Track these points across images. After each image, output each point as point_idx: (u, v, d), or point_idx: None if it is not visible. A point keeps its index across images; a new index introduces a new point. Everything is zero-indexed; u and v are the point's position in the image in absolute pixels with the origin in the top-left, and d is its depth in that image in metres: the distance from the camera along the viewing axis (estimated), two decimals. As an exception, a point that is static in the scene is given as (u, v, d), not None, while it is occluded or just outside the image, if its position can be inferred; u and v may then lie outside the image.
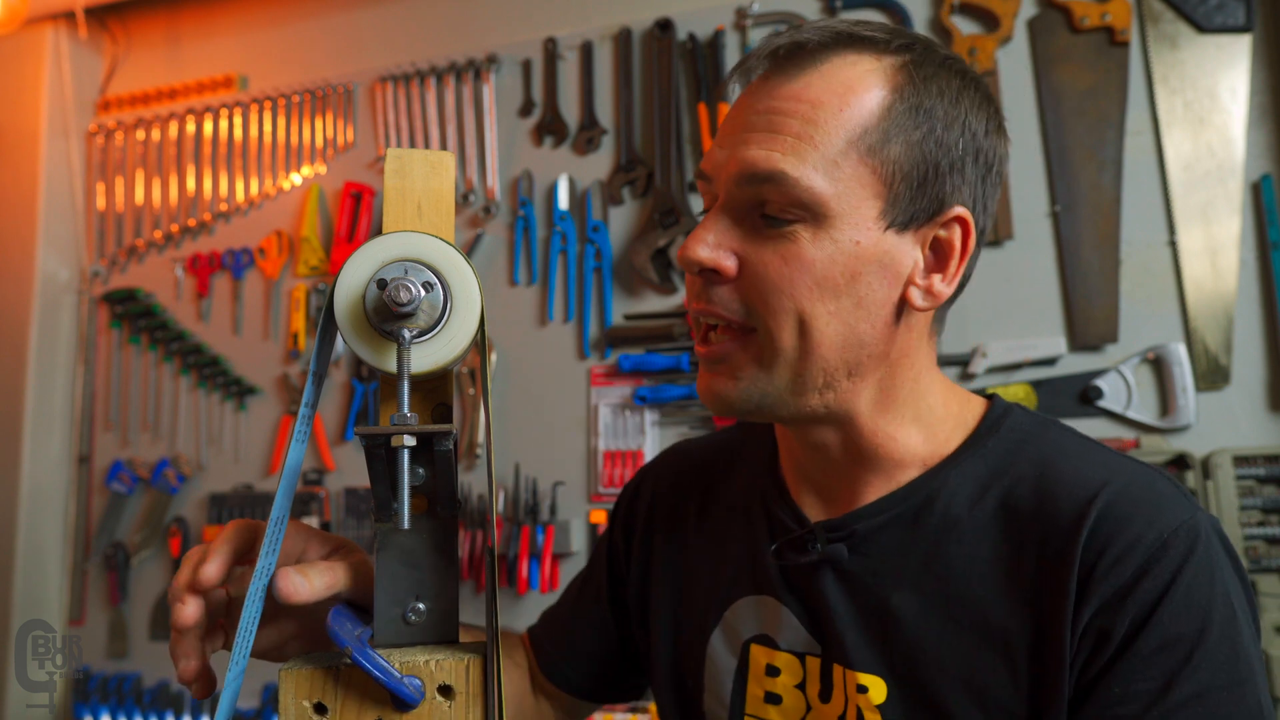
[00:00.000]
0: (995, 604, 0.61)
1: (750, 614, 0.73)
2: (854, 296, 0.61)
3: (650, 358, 1.77)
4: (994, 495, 0.64)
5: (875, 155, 0.60)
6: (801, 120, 0.60)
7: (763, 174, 0.60)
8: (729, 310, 0.63)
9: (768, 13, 1.82)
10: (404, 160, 0.57)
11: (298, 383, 2.05)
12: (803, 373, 0.63)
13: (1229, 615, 0.57)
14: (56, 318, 2.21)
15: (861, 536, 0.67)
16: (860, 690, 0.64)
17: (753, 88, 0.64)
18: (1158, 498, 0.60)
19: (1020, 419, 0.69)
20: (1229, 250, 1.55)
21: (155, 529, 2.11)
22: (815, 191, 0.60)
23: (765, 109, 0.62)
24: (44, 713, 1.95)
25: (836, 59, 0.62)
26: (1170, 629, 0.56)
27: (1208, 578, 0.57)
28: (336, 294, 0.53)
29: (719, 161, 0.64)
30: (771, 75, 0.63)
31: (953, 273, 0.64)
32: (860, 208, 0.61)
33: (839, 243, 0.61)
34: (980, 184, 0.64)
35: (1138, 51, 1.62)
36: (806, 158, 0.60)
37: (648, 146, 1.86)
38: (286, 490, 0.55)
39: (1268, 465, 1.48)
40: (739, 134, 0.63)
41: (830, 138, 0.60)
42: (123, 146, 2.27)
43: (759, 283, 0.62)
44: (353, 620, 0.55)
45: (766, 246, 0.62)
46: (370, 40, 2.13)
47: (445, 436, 0.52)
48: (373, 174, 2.07)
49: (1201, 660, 0.55)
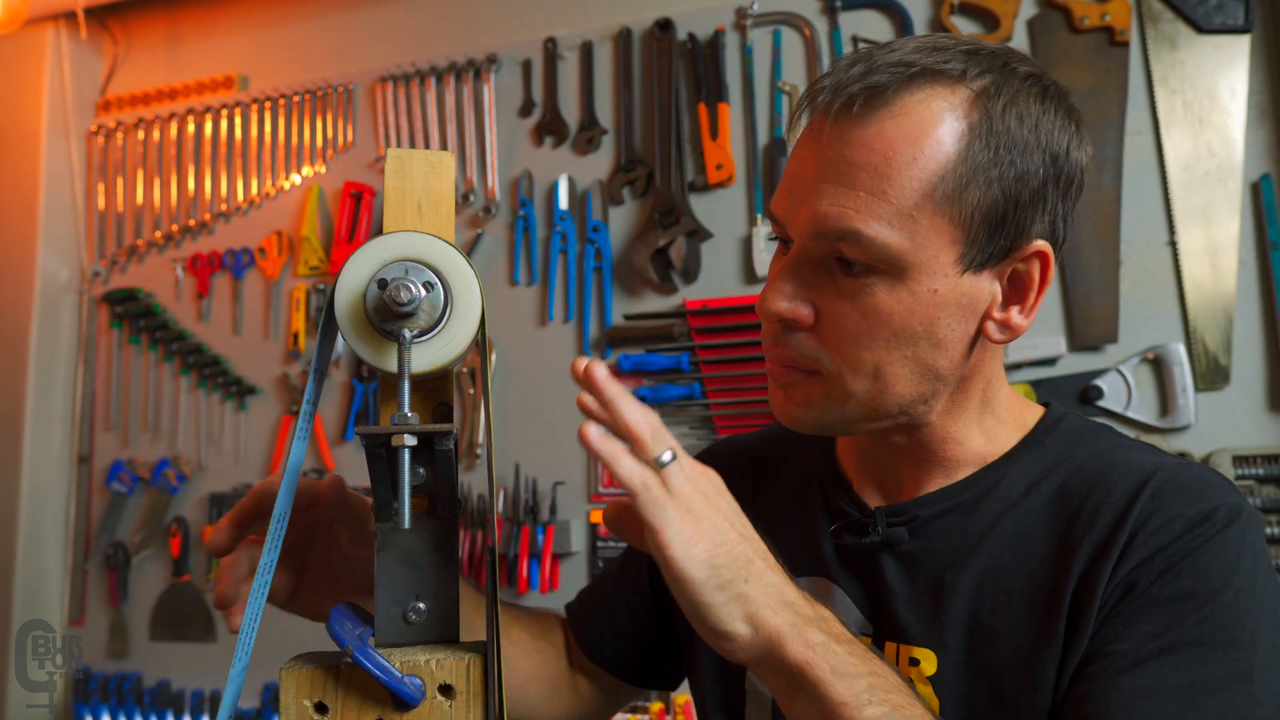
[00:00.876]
0: (1046, 579, 0.63)
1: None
2: (932, 339, 0.62)
3: (650, 358, 1.77)
4: (1050, 483, 0.66)
5: (952, 203, 0.59)
6: (873, 173, 0.58)
7: (837, 232, 0.60)
8: (805, 357, 0.64)
9: (768, 13, 1.82)
10: (404, 160, 0.57)
11: (298, 383, 2.05)
12: (877, 408, 0.64)
13: (1248, 588, 0.58)
14: (56, 318, 2.21)
15: (922, 522, 0.69)
16: (913, 663, 0.66)
17: (823, 129, 0.61)
18: (1207, 483, 0.62)
19: (1076, 422, 0.71)
20: (1229, 250, 1.55)
21: (155, 529, 2.11)
22: (891, 248, 0.59)
23: (835, 156, 0.60)
24: (44, 713, 1.95)
25: (909, 98, 0.59)
26: (1187, 584, 0.57)
27: (1236, 552, 0.58)
28: (337, 294, 0.53)
29: (790, 209, 0.63)
30: (843, 117, 0.60)
31: (1030, 304, 0.64)
32: (938, 257, 0.60)
33: (916, 294, 0.60)
34: (1061, 203, 0.63)
35: (1137, 51, 1.62)
36: (880, 214, 0.58)
37: (648, 146, 1.86)
38: (288, 489, 0.55)
39: (1267, 465, 1.48)
40: (810, 182, 0.61)
41: (904, 191, 0.58)
42: (123, 146, 2.27)
43: (836, 334, 0.62)
44: (353, 620, 0.56)
45: (844, 298, 0.62)
46: (370, 40, 2.13)
47: (445, 436, 0.52)
48: (373, 174, 2.07)
49: (1208, 616, 0.57)
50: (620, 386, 0.55)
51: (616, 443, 0.52)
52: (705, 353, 1.74)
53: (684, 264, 1.78)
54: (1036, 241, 0.62)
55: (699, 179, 1.82)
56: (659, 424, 0.54)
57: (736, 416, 1.74)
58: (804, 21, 1.80)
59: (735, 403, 1.73)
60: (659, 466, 0.52)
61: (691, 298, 1.77)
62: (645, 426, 0.53)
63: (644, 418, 0.53)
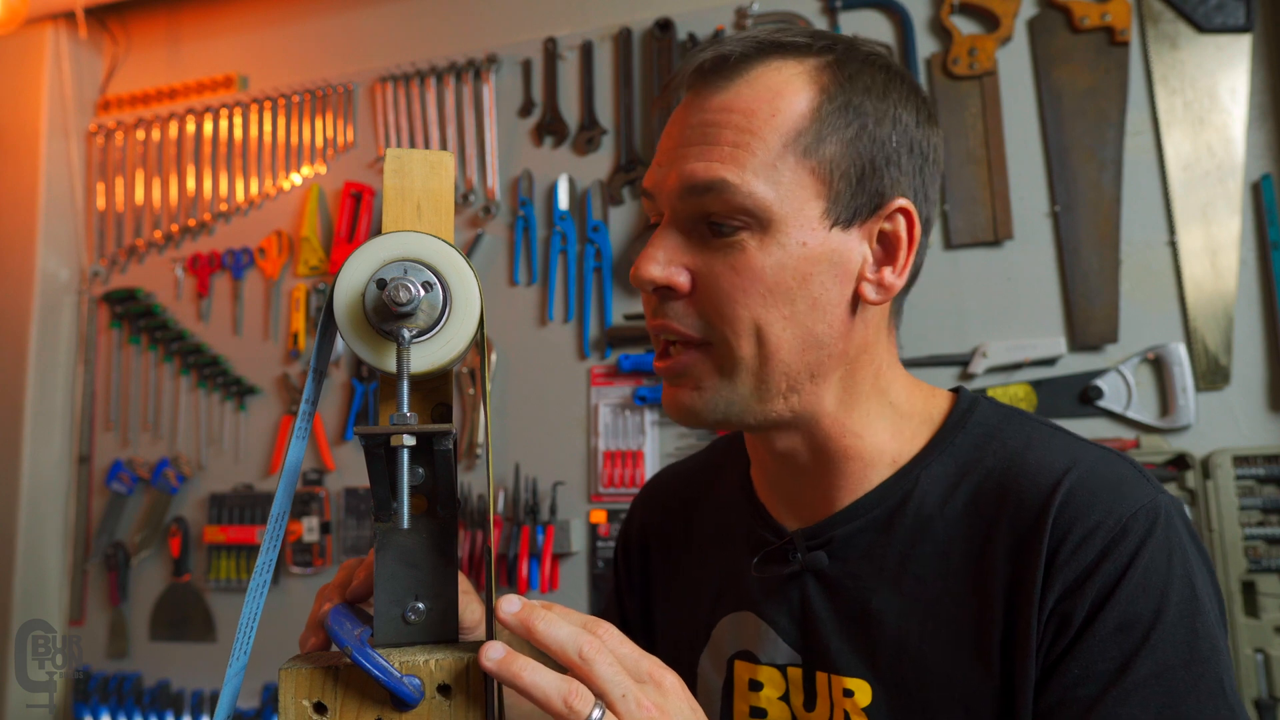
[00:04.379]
0: (969, 601, 0.62)
1: (732, 631, 0.73)
2: (808, 298, 0.62)
3: (650, 358, 1.77)
4: (963, 492, 0.65)
5: (811, 155, 0.61)
6: (735, 129, 0.61)
7: (704, 184, 0.61)
8: (686, 325, 0.64)
9: (768, 13, 1.82)
10: (404, 160, 0.57)
11: (298, 383, 2.05)
12: (765, 379, 0.63)
13: (1188, 595, 0.57)
14: (56, 318, 2.21)
15: (840, 541, 0.67)
16: (846, 695, 0.65)
17: (685, 103, 0.65)
18: (1119, 482, 0.60)
19: (986, 412, 0.69)
20: (1229, 250, 1.55)
21: (155, 529, 2.11)
22: (757, 197, 0.60)
23: (699, 122, 0.63)
24: (44, 713, 1.95)
25: (761, 66, 0.63)
26: (1128, 610, 0.56)
27: (1165, 559, 0.57)
28: (336, 293, 0.53)
29: (659, 178, 0.65)
30: (701, 90, 0.64)
31: (902, 264, 0.65)
32: (803, 209, 0.61)
33: (786, 247, 0.61)
34: (918, 174, 0.65)
35: (1138, 51, 1.62)
36: (745, 164, 0.61)
37: (648, 146, 1.86)
38: (287, 487, 0.55)
39: (1267, 465, 1.48)
40: (676, 149, 0.64)
41: (766, 143, 0.61)
42: (123, 146, 2.27)
43: (713, 295, 0.62)
44: (352, 620, 0.56)
45: (716, 258, 0.62)
46: (370, 40, 2.13)
47: (445, 436, 0.52)
48: (373, 174, 2.07)
49: (1159, 640, 0.55)
50: (555, 618, 0.52)
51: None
52: (705, 353, 1.74)
53: (684, 264, 1.78)
54: (899, 200, 0.64)
55: (699, 179, 1.82)
56: (599, 659, 0.50)
57: (736, 416, 1.73)
58: (804, 21, 1.80)
59: (735, 403, 1.73)
60: None
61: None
62: (558, 694, 0.48)
63: (560, 681, 0.49)
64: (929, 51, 1.73)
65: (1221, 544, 1.47)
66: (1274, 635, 1.44)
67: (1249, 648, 1.45)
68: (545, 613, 0.51)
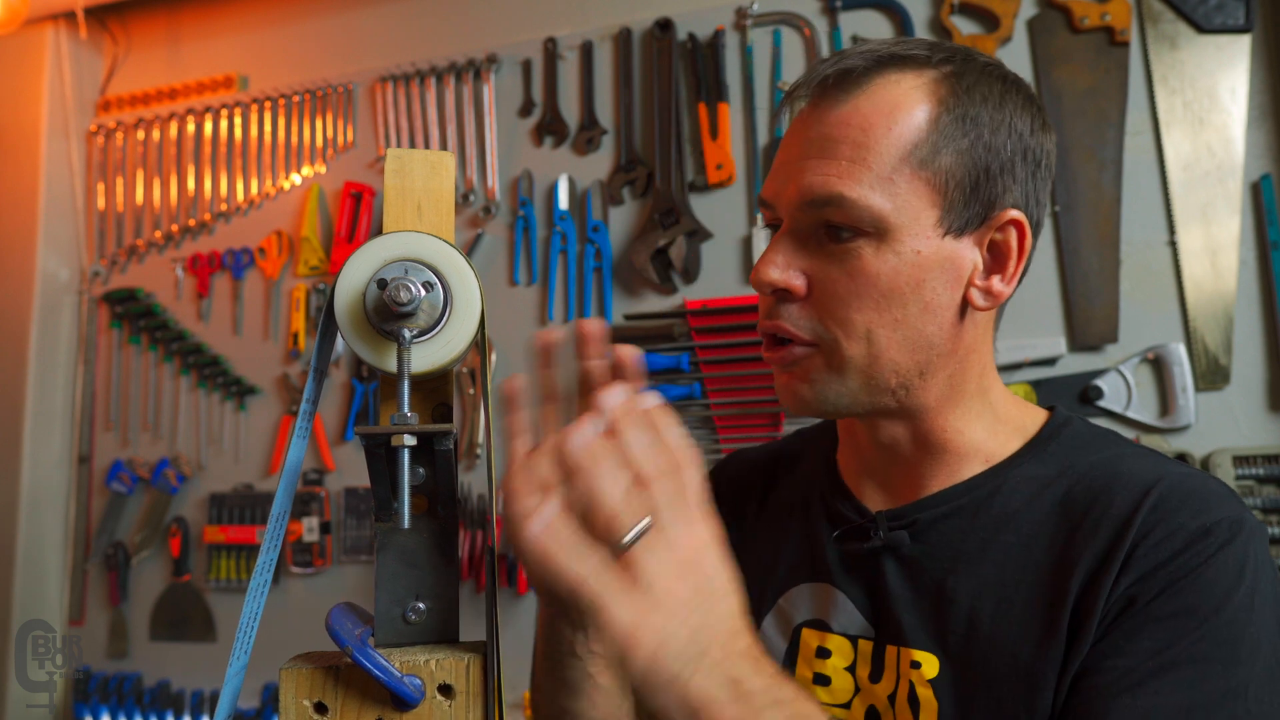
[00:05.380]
0: (1046, 590, 0.64)
1: (805, 600, 0.76)
2: (920, 302, 0.65)
3: (650, 358, 1.77)
4: (1053, 493, 0.67)
5: (927, 167, 0.63)
6: (853, 144, 0.63)
7: (822, 198, 0.63)
8: (799, 328, 0.67)
9: (768, 13, 1.82)
10: (404, 160, 0.57)
11: (298, 382, 2.05)
12: (874, 376, 0.66)
13: (1247, 603, 0.58)
14: (56, 318, 2.21)
15: (923, 524, 0.70)
16: (914, 666, 0.67)
17: (804, 115, 0.67)
18: (1209, 494, 0.62)
19: (1081, 428, 0.72)
20: (1229, 250, 1.55)
21: (155, 529, 2.11)
22: (874, 209, 0.62)
23: (818, 135, 0.65)
24: (44, 713, 1.95)
25: (880, 79, 0.64)
26: (1188, 600, 0.58)
27: (1238, 567, 0.59)
28: (337, 293, 0.53)
29: (778, 189, 0.67)
30: (821, 102, 0.66)
31: (1011, 272, 0.67)
32: (919, 218, 0.63)
33: (901, 254, 0.64)
34: (1030, 180, 0.67)
35: (1137, 51, 1.62)
36: (862, 179, 0.62)
37: (648, 146, 1.86)
38: (287, 487, 0.55)
39: (1267, 465, 1.48)
40: (795, 162, 0.66)
41: (883, 157, 0.63)
42: (123, 146, 2.27)
43: (828, 299, 0.65)
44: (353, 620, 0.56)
45: (832, 263, 0.65)
46: (370, 40, 2.13)
47: (445, 436, 0.52)
48: (373, 174, 2.07)
49: (1207, 633, 0.57)
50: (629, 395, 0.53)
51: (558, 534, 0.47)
52: (705, 353, 1.74)
53: (684, 264, 1.78)
54: (1011, 211, 0.66)
55: (699, 179, 1.82)
56: (653, 463, 0.49)
57: (736, 416, 1.74)
58: (804, 21, 1.80)
59: (735, 403, 1.73)
60: (620, 549, 0.47)
61: (691, 298, 1.77)
62: (611, 501, 0.47)
63: (614, 486, 0.48)
64: (929, 51, 1.73)
65: (1221, 544, 1.47)
66: (1274, 635, 1.45)
67: (1249, 648, 1.45)
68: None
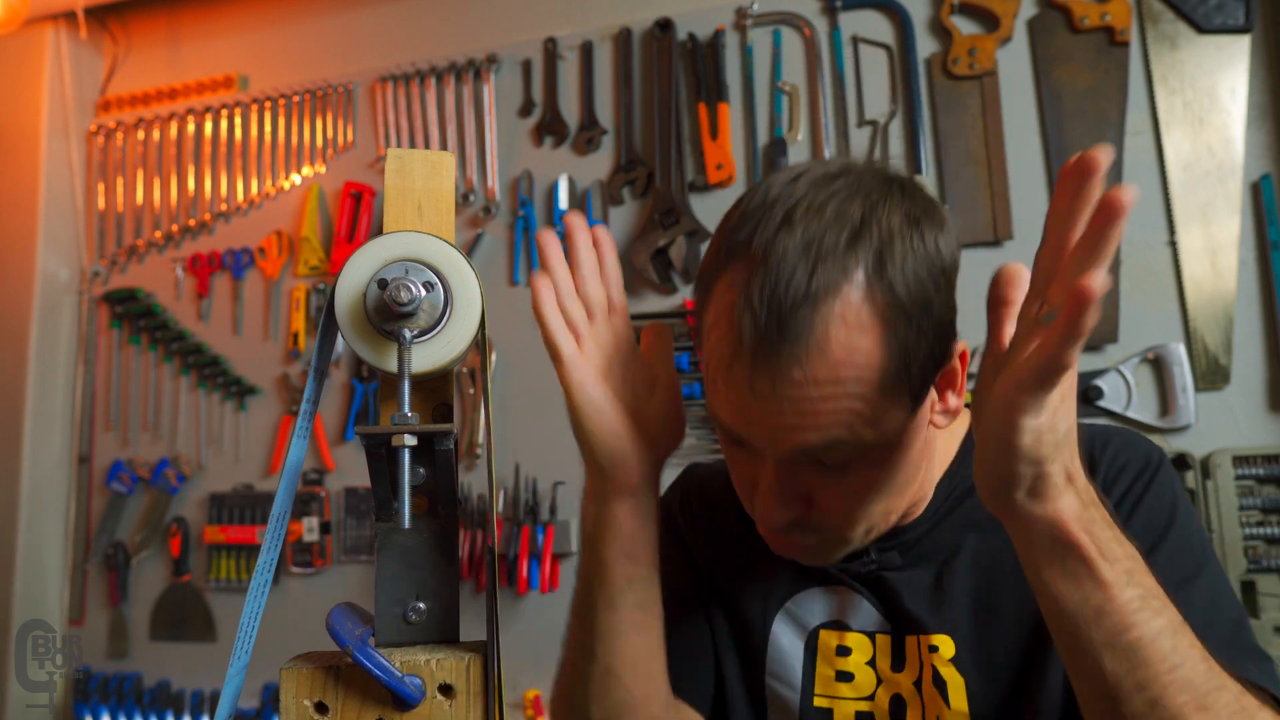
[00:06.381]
0: None
1: (819, 603, 0.79)
2: (905, 466, 0.68)
3: (650, 358, 1.77)
4: None
5: (901, 380, 0.62)
6: (831, 399, 0.60)
7: (816, 450, 0.62)
8: (808, 537, 0.69)
9: (768, 13, 1.82)
10: (404, 160, 0.57)
11: (298, 383, 2.05)
12: (874, 531, 0.71)
13: (1186, 511, 0.71)
14: (56, 318, 2.21)
15: (911, 542, 0.75)
16: (932, 650, 0.72)
17: (758, 366, 0.60)
18: (1132, 436, 0.75)
19: None
20: (1229, 250, 1.55)
21: (155, 529, 2.11)
22: (867, 441, 0.62)
23: (790, 395, 0.60)
24: (44, 713, 1.95)
25: (820, 323, 0.59)
26: (1147, 518, 0.69)
27: (1172, 488, 0.72)
28: (337, 293, 0.53)
29: (756, 437, 0.64)
30: (773, 357, 0.60)
31: (961, 384, 0.69)
32: (898, 416, 0.63)
33: (890, 450, 0.66)
34: (954, 294, 0.66)
35: (1137, 51, 1.62)
36: (850, 423, 0.61)
37: (648, 146, 1.86)
38: (288, 487, 0.55)
39: (1267, 465, 1.48)
40: (774, 417, 0.62)
41: (860, 400, 0.60)
42: (123, 146, 2.27)
43: (833, 513, 0.67)
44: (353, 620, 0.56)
45: (830, 481, 0.66)
46: (370, 40, 2.13)
47: (445, 436, 0.52)
48: (373, 174, 2.07)
49: (1175, 533, 0.68)
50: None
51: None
52: (705, 353, 1.74)
53: (684, 264, 1.78)
54: (957, 344, 0.67)
55: (699, 179, 1.82)
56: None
57: (736, 416, 1.73)
58: (804, 21, 1.80)
59: (735, 403, 1.73)
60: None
61: (691, 298, 1.77)
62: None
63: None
64: (929, 51, 1.73)
65: (1221, 544, 1.47)
66: (1274, 635, 1.44)
67: (1249, 647, 1.45)
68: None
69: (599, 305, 0.72)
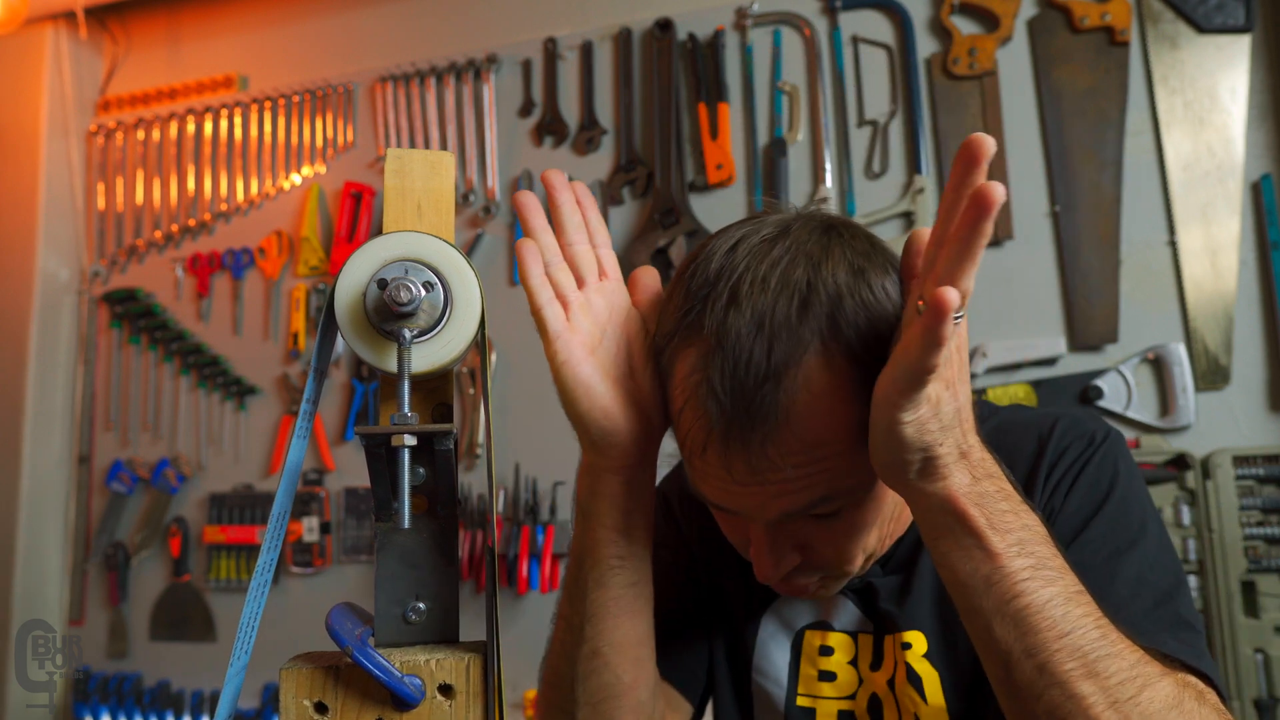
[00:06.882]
0: None
1: (807, 603, 0.80)
2: (890, 498, 0.68)
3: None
4: None
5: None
6: (809, 465, 0.60)
7: (803, 510, 0.63)
8: (807, 579, 0.70)
9: (768, 13, 1.82)
10: (404, 160, 0.57)
11: (298, 383, 2.05)
12: (871, 559, 0.71)
13: (1127, 484, 0.72)
14: (56, 318, 2.21)
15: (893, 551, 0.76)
16: (905, 647, 0.73)
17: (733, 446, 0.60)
18: (1085, 418, 0.76)
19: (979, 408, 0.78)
20: (1229, 250, 1.55)
21: (155, 529, 2.11)
22: (851, 489, 0.64)
23: (768, 473, 0.60)
24: (44, 713, 1.95)
25: (790, 400, 0.58)
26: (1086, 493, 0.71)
27: (1113, 460, 0.73)
28: (337, 293, 0.53)
29: (742, 507, 0.64)
30: (747, 437, 0.59)
31: None
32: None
33: (875, 490, 0.66)
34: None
35: (1138, 51, 1.62)
36: (832, 482, 0.62)
37: (648, 146, 1.86)
38: (288, 487, 0.55)
39: (1267, 465, 1.48)
40: (754, 495, 0.62)
41: (836, 459, 0.61)
42: (123, 146, 2.27)
43: (828, 556, 0.68)
44: (353, 620, 0.56)
45: (821, 529, 0.66)
46: (370, 40, 2.13)
47: (445, 436, 0.52)
48: (373, 174, 2.07)
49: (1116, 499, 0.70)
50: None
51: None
52: (705, 353, 1.74)
53: (684, 264, 1.78)
54: None
55: (699, 179, 1.82)
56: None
57: (736, 416, 1.73)
58: (804, 21, 1.80)
59: (735, 403, 1.73)
60: None
61: (691, 298, 1.77)
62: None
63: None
64: (929, 51, 1.73)
65: (1221, 544, 1.47)
66: (1274, 635, 1.44)
67: (1249, 648, 1.45)
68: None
69: (589, 269, 0.70)
